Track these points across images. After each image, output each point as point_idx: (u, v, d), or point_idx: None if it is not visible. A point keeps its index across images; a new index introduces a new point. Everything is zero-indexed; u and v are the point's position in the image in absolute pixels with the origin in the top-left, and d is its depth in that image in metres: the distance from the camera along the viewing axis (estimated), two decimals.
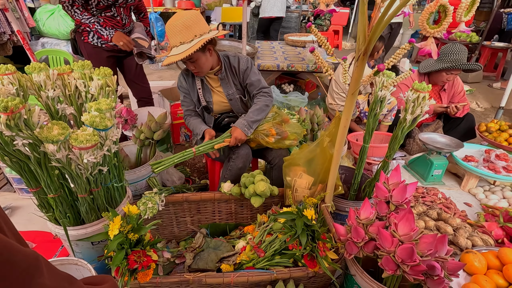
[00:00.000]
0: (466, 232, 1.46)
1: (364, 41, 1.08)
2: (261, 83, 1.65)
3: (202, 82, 1.65)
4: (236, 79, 1.67)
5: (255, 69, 1.66)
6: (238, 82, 1.67)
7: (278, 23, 5.24)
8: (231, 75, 1.65)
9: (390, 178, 1.19)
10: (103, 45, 2.02)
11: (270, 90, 1.66)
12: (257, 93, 1.64)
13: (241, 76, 1.64)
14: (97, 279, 0.50)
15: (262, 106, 1.58)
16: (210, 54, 1.53)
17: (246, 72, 1.62)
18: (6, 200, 1.90)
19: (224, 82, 1.65)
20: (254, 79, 1.63)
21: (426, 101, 1.29)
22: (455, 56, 2.11)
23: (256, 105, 1.59)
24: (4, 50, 3.41)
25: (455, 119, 2.40)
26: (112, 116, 1.16)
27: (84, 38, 2.00)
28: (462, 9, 0.89)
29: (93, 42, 2.01)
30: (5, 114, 0.86)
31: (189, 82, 1.67)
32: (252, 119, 1.54)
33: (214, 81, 1.67)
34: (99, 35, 1.95)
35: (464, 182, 2.04)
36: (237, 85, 1.68)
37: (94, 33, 1.98)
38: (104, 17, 1.94)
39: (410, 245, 0.87)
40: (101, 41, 2.01)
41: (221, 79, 1.64)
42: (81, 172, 1.09)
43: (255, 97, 1.65)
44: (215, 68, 1.61)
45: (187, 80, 1.67)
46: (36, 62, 1.21)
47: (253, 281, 1.12)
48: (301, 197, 1.46)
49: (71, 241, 1.23)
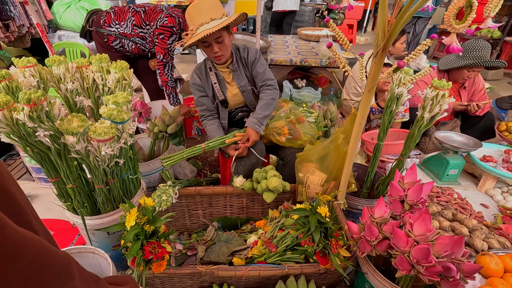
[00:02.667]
0: (482, 234, 1.43)
1: (383, 37, 1.05)
2: (266, 74, 1.63)
3: (217, 76, 1.66)
4: (247, 71, 1.67)
5: (263, 60, 1.66)
6: (249, 74, 1.68)
7: (291, 17, 5.16)
8: (242, 66, 1.66)
9: (405, 177, 1.17)
10: (121, 51, 2.10)
11: (275, 83, 1.64)
12: (262, 85, 1.63)
13: (249, 67, 1.65)
14: (118, 279, 0.51)
15: (268, 101, 1.57)
16: (231, 38, 1.55)
17: (254, 62, 1.63)
18: (25, 188, 1.96)
19: (236, 74, 1.65)
20: (260, 70, 1.62)
21: (446, 99, 1.26)
22: (478, 52, 2.04)
23: (262, 100, 1.59)
24: (23, 43, 3.49)
25: (473, 117, 2.33)
26: (128, 109, 1.17)
27: (108, 41, 2.07)
28: (493, 4, 0.85)
29: (114, 46, 2.09)
30: (28, 106, 0.89)
31: (203, 79, 1.67)
32: (261, 116, 1.54)
33: (227, 75, 1.67)
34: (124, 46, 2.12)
35: (481, 183, 1.98)
36: (248, 76, 1.68)
37: (120, 41, 2.06)
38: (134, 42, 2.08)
39: (426, 246, 0.86)
40: (121, 48, 2.09)
41: (233, 70, 1.64)
42: (99, 164, 1.12)
43: (261, 90, 1.64)
44: (228, 60, 1.62)
45: (201, 77, 1.67)
46: (56, 55, 1.23)
47: (265, 275, 1.13)
48: (313, 193, 1.45)
49: (88, 230, 1.27)
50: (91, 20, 2.13)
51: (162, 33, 1.95)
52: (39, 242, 0.29)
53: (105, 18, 2.06)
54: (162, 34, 1.96)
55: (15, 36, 3.24)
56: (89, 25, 2.14)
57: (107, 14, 2.08)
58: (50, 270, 0.30)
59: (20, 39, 3.43)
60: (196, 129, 2.81)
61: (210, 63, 1.65)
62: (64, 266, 0.32)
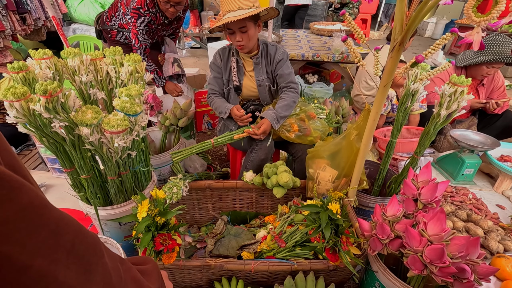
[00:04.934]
0: (498, 236, 1.39)
1: (401, 31, 1.02)
2: (291, 77, 1.65)
3: (238, 62, 1.66)
4: (269, 67, 1.67)
5: (289, 63, 1.67)
6: (270, 71, 1.67)
7: (304, 11, 5.09)
8: (266, 61, 1.66)
9: (419, 176, 1.14)
10: (127, 43, 2.12)
11: (298, 87, 1.66)
12: (286, 86, 1.64)
13: (274, 65, 1.64)
14: (140, 260, 0.53)
15: (290, 103, 1.58)
16: (258, 31, 1.55)
17: (280, 62, 1.63)
18: (41, 178, 2.02)
19: (258, 67, 1.65)
20: (286, 72, 1.63)
21: (465, 96, 1.22)
22: (498, 48, 1.96)
23: (284, 101, 1.59)
24: (39, 35, 3.56)
25: (491, 116, 2.25)
26: (141, 102, 1.18)
27: (112, 36, 2.09)
28: None
29: (119, 40, 2.10)
30: (44, 97, 0.90)
31: (224, 60, 1.68)
32: (281, 115, 1.55)
33: (248, 65, 1.68)
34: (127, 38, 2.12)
35: (497, 183, 1.92)
36: (269, 73, 1.68)
37: (122, 34, 2.07)
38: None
39: (440, 246, 0.84)
40: (125, 40, 2.10)
41: (255, 63, 1.64)
42: (112, 156, 1.13)
43: (283, 91, 1.64)
44: (254, 52, 1.62)
45: (223, 58, 1.68)
46: (71, 48, 1.25)
47: (274, 270, 1.13)
48: (324, 190, 1.44)
49: (100, 220, 1.30)
50: (99, 20, 2.18)
51: (132, 16, 1.93)
52: (75, 221, 0.32)
53: (106, 14, 2.09)
54: (132, 18, 1.93)
55: (31, 29, 3.31)
56: (98, 26, 2.18)
57: (108, 9, 2.11)
58: (88, 246, 0.32)
59: (36, 32, 3.50)
60: (207, 123, 2.82)
61: (234, 48, 1.66)
62: (97, 244, 0.35)
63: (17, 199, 0.24)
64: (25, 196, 0.25)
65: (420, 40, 7.28)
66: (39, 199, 0.27)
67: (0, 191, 0.23)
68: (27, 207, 0.25)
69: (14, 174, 0.25)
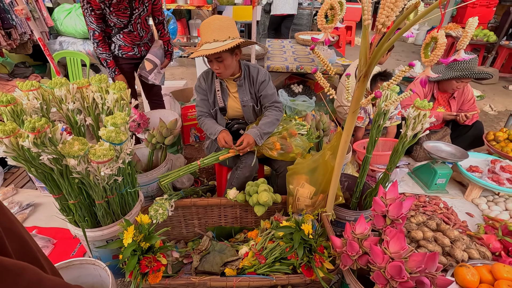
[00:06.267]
0: (463, 245, 1.50)
1: (365, 64, 1.12)
2: (275, 97, 1.73)
3: (221, 85, 1.73)
4: (252, 88, 1.75)
5: (272, 83, 1.75)
6: (253, 91, 1.75)
7: (289, 21, 5.21)
8: (248, 83, 1.73)
9: (388, 193, 1.24)
10: (123, 55, 2.14)
11: (282, 105, 1.74)
12: (270, 106, 1.72)
13: (257, 86, 1.72)
14: None
15: (273, 120, 1.66)
16: (236, 59, 1.61)
17: (263, 84, 1.70)
18: (29, 197, 2.04)
19: (241, 89, 1.73)
20: (270, 92, 1.72)
21: (427, 118, 1.33)
22: (465, 64, 2.10)
23: (268, 118, 1.66)
24: (25, 49, 3.56)
25: (463, 126, 2.39)
26: (126, 130, 1.25)
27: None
28: (467, 39, 0.93)
29: (115, 53, 2.12)
30: (32, 134, 0.96)
31: (208, 83, 1.75)
32: (264, 131, 1.63)
33: (232, 86, 1.75)
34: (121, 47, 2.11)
35: (467, 192, 2.05)
36: (252, 93, 1.76)
37: (116, 45, 2.10)
38: (123, 33, 2.06)
39: (398, 263, 0.93)
40: (121, 52, 2.13)
41: (238, 85, 1.72)
42: (99, 182, 1.19)
43: (267, 109, 1.73)
44: (236, 74, 1.70)
45: (207, 81, 1.75)
46: (58, 77, 1.30)
47: (254, 286, 1.21)
48: (303, 205, 1.53)
49: (88, 242, 1.35)
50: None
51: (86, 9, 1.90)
52: (65, 283, 0.38)
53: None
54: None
55: (17, 44, 3.31)
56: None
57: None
58: None
59: (22, 46, 3.50)
60: (194, 136, 2.88)
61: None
62: None
63: (20, 282, 0.32)
64: (26, 278, 0.32)
65: (404, 46, 7.51)
66: (36, 275, 0.34)
67: (7, 279, 0.30)
68: (27, 286, 0.32)
69: (16, 261, 0.32)
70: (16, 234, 0.40)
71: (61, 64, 3.61)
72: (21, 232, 0.43)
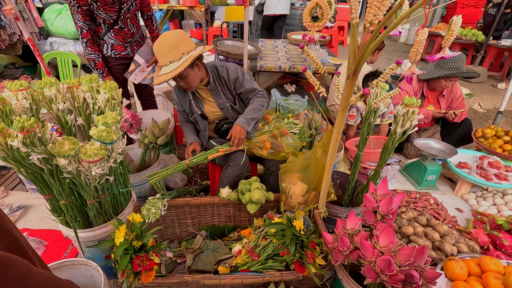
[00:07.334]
0: (452, 239, 1.53)
1: (354, 62, 1.14)
2: (255, 87, 1.72)
3: (194, 94, 1.74)
4: (225, 89, 1.73)
5: (247, 76, 1.72)
6: (228, 91, 1.74)
7: (282, 21, 5.23)
8: (220, 85, 1.72)
9: (378, 189, 1.26)
10: (116, 55, 2.12)
11: (265, 92, 1.74)
12: (253, 96, 1.72)
13: (231, 85, 1.70)
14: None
15: (257, 106, 1.66)
16: (199, 69, 1.60)
17: (237, 81, 1.68)
18: (19, 199, 2.02)
19: (214, 93, 1.72)
20: (247, 86, 1.70)
21: (416, 115, 1.35)
22: (453, 63, 2.14)
23: (252, 105, 1.66)
24: (14, 50, 3.52)
25: (452, 124, 2.44)
26: (117, 129, 1.24)
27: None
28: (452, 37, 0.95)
29: (107, 54, 2.10)
30: (21, 133, 0.95)
31: (180, 95, 1.76)
32: (250, 117, 1.61)
33: (205, 92, 1.75)
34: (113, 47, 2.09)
35: (457, 188, 2.09)
36: (227, 94, 1.75)
37: (108, 45, 2.07)
38: (114, 30, 2.04)
39: (387, 257, 0.95)
40: (114, 52, 2.11)
41: (210, 90, 1.71)
42: (90, 182, 1.19)
43: (251, 98, 1.72)
44: (204, 80, 1.68)
45: (179, 93, 1.76)
46: (48, 77, 1.29)
47: (247, 283, 1.21)
48: (295, 203, 1.54)
49: (80, 242, 1.34)
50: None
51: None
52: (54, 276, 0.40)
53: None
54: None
55: (6, 44, 3.27)
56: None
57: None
58: None
59: (12, 47, 3.46)
60: None
61: None
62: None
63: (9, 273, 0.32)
64: (15, 269, 0.33)
65: (395, 46, 7.62)
66: (25, 267, 0.35)
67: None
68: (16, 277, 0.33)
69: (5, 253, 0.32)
70: (5, 231, 0.41)
71: (52, 65, 3.57)
72: (11, 228, 0.43)
